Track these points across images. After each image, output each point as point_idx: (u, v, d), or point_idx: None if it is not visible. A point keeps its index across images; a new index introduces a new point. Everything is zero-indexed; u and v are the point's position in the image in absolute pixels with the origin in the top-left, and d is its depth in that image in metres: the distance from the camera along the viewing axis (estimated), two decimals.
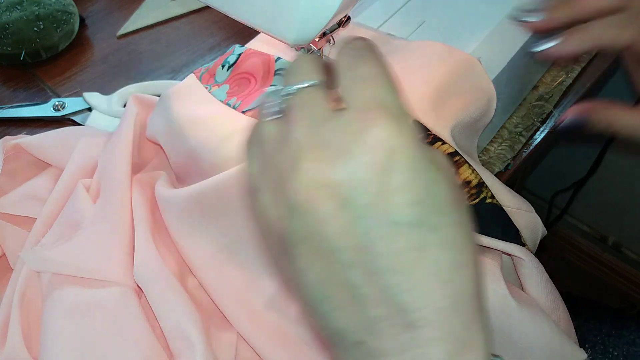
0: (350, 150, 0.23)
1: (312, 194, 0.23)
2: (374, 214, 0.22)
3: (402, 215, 0.23)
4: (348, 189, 0.22)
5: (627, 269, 1.19)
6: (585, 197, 1.12)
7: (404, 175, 0.23)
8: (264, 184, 0.25)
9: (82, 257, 0.39)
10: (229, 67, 0.43)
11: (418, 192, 0.23)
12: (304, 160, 0.23)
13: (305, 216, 0.23)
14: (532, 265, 0.36)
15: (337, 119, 0.24)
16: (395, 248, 0.23)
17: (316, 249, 0.23)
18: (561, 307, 0.38)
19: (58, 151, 0.47)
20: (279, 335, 0.36)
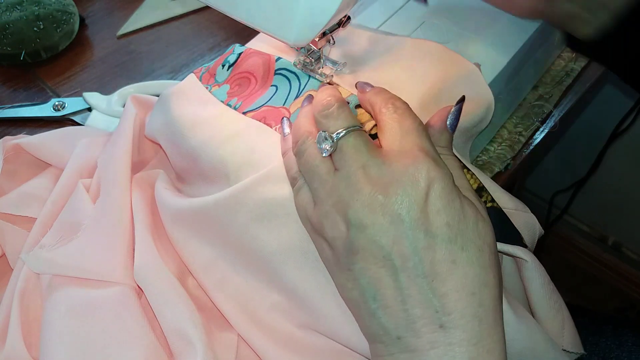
0: (401, 181, 0.30)
1: (370, 214, 0.30)
2: (419, 228, 0.29)
3: (440, 231, 0.29)
4: (399, 209, 0.29)
5: (627, 269, 1.19)
6: (585, 197, 1.12)
7: (441, 201, 0.30)
8: (324, 208, 0.32)
9: (82, 258, 0.39)
10: (229, 66, 0.43)
11: (451, 216, 0.30)
12: (362, 189, 0.30)
13: (365, 230, 0.30)
14: (534, 267, 0.36)
15: (387, 156, 0.31)
16: (435, 258, 0.29)
17: (373, 256, 0.30)
18: (564, 310, 0.38)
19: (58, 151, 0.47)
20: (281, 338, 0.36)
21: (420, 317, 0.29)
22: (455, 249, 0.29)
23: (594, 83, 0.58)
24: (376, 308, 0.30)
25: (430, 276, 0.29)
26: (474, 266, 0.30)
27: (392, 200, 0.30)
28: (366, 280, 0.30)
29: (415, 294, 0.29)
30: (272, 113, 0.39)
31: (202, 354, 0.34)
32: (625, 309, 1.22)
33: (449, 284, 0.29)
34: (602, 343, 0.53)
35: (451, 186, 0.31)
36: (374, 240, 0.30)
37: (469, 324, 0.29)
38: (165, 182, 0.43)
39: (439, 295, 0.29)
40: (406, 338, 0.30)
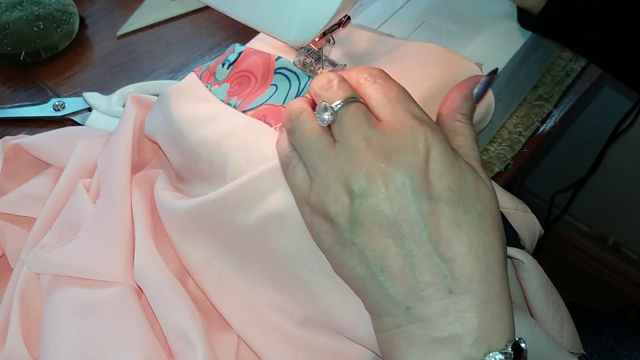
0: (402, 148, 0.30)
1: (374, 182, 0.30)
2: (423, 193, 0.29)
3: (443, 195, 0.29)
4: (402, 176, 0.29)
5: (627, 269, 1.19)
6: (585, 197, 1.12)
7: (441, 166, 0.30)
8: (325, 182, 0.31)
9: (82, 258, 0.39)
10: (229, 65, 0.43)
11: (453, 179, 0.30)
12: (365, 158, 0.30)
13: (369, 199, 0.30)
14: (532, 268, 0.36)
15: (384, 126, 0.31)
16: (440, 222, 0.29)
17: (378, 225, 0.30)
18: (563, 310, 0.37)
19: (58, 151, 0.47)
20: (280, 337, 0.36)
21: (429, 284, 0.29)
22: (459, 213, 0.29)
23: (594, 83, 0.58)
24: (384, 280, 0.30)
25: (436, 241, 0.29)
26: (477, 230, 0.30)
27: (394, 167, 0.30)
28: (372, 252, 0.30)
29: (423, 260, 0.29)
30: (272, 111, 0.39)
31: (202, 353, 0.34)
32: (625, 308, 1.22)
33: (455, 248, 0.29)
34: (602, 342, 0.53)
35: (449, 150, 0.31)
36: (378, 209, 0.29)
37: (477, 288, 0.29)
38: (164, 182, 0.43)
39: (446, 260, 0.29)
40: (415, 307, 0.29)
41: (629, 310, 1.21)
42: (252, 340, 0.36)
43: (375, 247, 0.30)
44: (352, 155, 0.31)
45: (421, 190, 0.29)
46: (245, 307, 0.37)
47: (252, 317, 0.37)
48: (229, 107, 0.41)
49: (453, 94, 0.36)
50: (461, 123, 0.35)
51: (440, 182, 0.30)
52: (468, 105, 0.35)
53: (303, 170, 0.33)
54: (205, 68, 0.44)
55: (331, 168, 0.31)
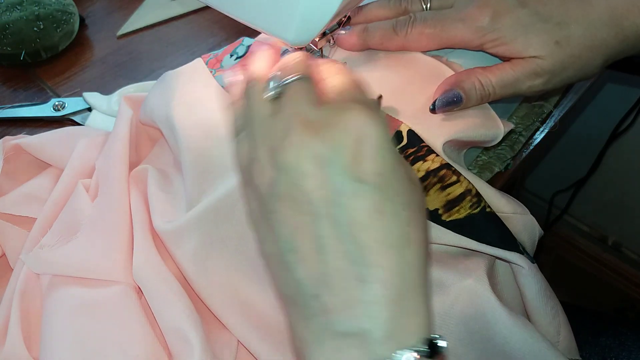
0: (333, 124, 0.29)
1: (298, 156, 0.28)
2: (348, 173, 0.28)
3: (369, 178, 0.28)
4: (328, 152, 0.28)
5: (627, 269, 1.19)
6: (585, 197, 1.12)
7: (374, 150, 0.28)
8: (257, 152, 0.30)
9: (82, 258, 0.39)
10: (237, 57, 0.43)
11: (382, 165, 0.28)
12: (294, 130, 0.29)
13: (290, 172, 0.28)
14: (531, 273, 0.36)
15: (322, 104, 0.30)
16: (360, 205, 0.28)
17: (295, 201, 0.28)
18: (561, 315, 0.37)
19: (58, 151, 0.47)
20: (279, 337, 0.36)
21: (337, 270, 0.27)
22: (382, 200, 0.28)
23: (594, 83, 0.58)
24: (293, 261, 0.28)
25: (352, 225, 0.27)
26: (399, 221, 0.28)
27: (322, 144, 0.28)
28: (286, 229, 0.28)
29: (335, 243, 0.27)
30: None
31: (199, 353, 0.34)
32: (625, 309, 1.21)
33: (371, 235, 0.27)
34: (602, 343, 0.53)
35: (385, 136, 0.29)
36: (298, 184, 0.28)
37: (390, 279, 0.27)
38: (155, 178, 0.43)
39: (360, 247, 0.27)
40: (322, 296, 0.27)
41: (629, 311, 1.21)
42: (247, 340, 0.36)
43: (289, 223, 0.28)
44: (284, 128, 0.29)
45: (346, 170, 0.28)
46: (240, 307, 0.37)
47: (247, 316, 0.37)
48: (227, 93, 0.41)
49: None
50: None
51: (369, 166, 0.28)
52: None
53: (247, 141, 0.32)
54: (214, 55, 0.44)
55: (263, 138, 0.30)
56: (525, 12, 0.39)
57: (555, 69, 0.40)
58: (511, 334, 0.34)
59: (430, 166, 0.37)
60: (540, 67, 0.40)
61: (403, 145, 0.37)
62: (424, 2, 0.42)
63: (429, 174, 0.37)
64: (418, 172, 0.37)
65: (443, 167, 0.37)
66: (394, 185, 0.28)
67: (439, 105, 0.39)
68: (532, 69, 0.40)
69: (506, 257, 0.35)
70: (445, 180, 0.37)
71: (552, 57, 0.39)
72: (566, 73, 0.41)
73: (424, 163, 0.37)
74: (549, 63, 0.40)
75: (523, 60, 0.40)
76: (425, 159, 0.37)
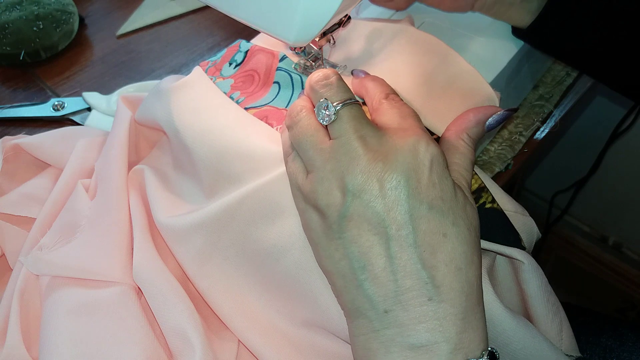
0: (401, 150, 0.31)
1: (368, 180, 0.30)
2: (416, 197, 0.30)
3: (435, 203, 0.30)
4: (398, 176, 0.30)
5: (627, 269, 1.19)
6: (586, 197, 1.12)
7: (437, 176, 0.31)
8: (320, 175, 0.32)
9: (81, 259, 0.39)
10: (236, 65, 0.43)
11: (445, 190, 0.31)
12: (361, 155, 0.31)
13: (361, 195, 0.30)
14: (532, 270, 0.36)
15: (385, 130, 0.32)
16: (428, 228, 0.30)
17: (367, 222, 0.30)
18: (561, 312, 0.37)
19: (57, 151, 0.47)
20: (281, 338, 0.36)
21: (409, 289, 0.29)
22: (447, 223, 0.30)
23: (594, 83, 0.58)
24: (364, 279, 0.30)
25: (421, 246, 0.29)
26: (462, 243, 0.30)
27: (391, 168, 0.30)
28: (357, 248, 0.30)
29: (406, 264, 0.29)
30: (275, 113, 0.39)
31: (200, 353, 0.34)
32: (625, 309, 1.21)
33: (438, 257, 0.29)
34: (602, 343, 0.53)
35: (445, 165, 0.32)
36: (370, 206, 0.30)
37: (456, 298, 0.29)
38: (152, 180, 0.43)
39: (429, 267, 0.29)
40: (394, 312, 0.29)
41: (629, 311, 1.21)
42: (250, 340, 0.36)
43: (361, 243, 0.30)
44: (349, 152, 0.31)
45: (415, 193, 0.30)
46: (242, 308, 0.37)
47: (250, 317, 0.37)
48: (231, 101, 0.41)
49: (468, 115, 0.36)
50: (465, 143, 0.35)
51: (434, 191, 0.30)
52: (478, 130, 0.36)
53: (300, 161, 0.34)
54: (212, 64, 0.44)
55: (326, 161, 0.32)
56: None
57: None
58: (514, 334, 0.33)
59: None
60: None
61: None
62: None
63: None
64: None
65: None
66: (455, 209, 0.31)
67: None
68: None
69: (507, 252, 0.35)
70: None
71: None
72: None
73: None
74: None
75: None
76: None
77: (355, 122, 0.32)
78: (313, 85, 0.35)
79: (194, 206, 0.41)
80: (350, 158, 0.31)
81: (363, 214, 0.30)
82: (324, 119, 0.33)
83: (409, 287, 0.29)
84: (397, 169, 0.30)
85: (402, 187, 0.30)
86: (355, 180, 0.30)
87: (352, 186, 0.30)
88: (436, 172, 0.31)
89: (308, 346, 0.36)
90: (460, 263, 0.30)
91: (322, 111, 0.33)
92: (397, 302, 0.29)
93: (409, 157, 0.30)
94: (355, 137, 0.31)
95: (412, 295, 0.29)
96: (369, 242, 0.30)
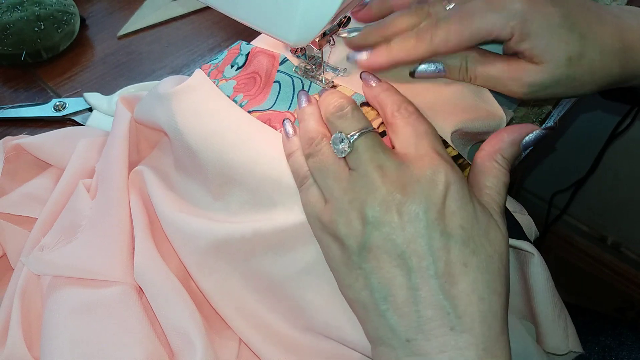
0: (419, 180, 0.30)
1: (387, 211, 0.30)
2: (435, 227, 0.30)
3: (455, 232, 0.30)
4: (417, 207, 0.30)
5: (626, 268, 1.19)
6: (585, 197, 1.12)
7: (456, 203, 0.30)
8: (339, 206, 0.32)
9: (82, 259, 0.39)
10: (237, 68, 0.43)
11: (466, 218, 0.30)
12: (381, 187, 0.30)
13: (381, 227, 0.30)
14: (540, 261, 0.36)
15: (402, 158, 0.32)
16: (449, 259, 0.29)
17: (387, 254, 0.30)
18: (565, 309, 0.37)
19: (59, 151, 0.47)
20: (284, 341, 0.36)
21: (431, 319, 0.29)
22: (467, 252, 0.30)
23: None
24: (386, 309, 0.30)
25: (442, 277, 0.29)
26: (483, 272, 0.30)
27: (410, 199, 0.30)
28: (378, 279, 0.30)
29: (427, 294, 0.29)
30: (278, 117, 0.39)
31: (201, 352, 0.34)
32: (624, 309, 1.22)
33: (460, 287, 0.29)
34: (601, 342, 0.54)
35: (465, 190, 0.31)
36: (389, 238, 0.30)
37: (478, 328, 0.29)
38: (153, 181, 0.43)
39: (451, 297, 0.29)
40: (416, 341, 0.29)
41: (628, 311, 1.21)
42: (252, 342, 0.36)
43: (381, 275, 0.30)
44: (368, 184, 0.31)
45: (434, 224, 0.30)
46: (246, 310, 0.38)
47: (253, 319, 0.37)
48: (234, 104, 0.40)
49: (502, 134, 0.35)
50: (498, 165, 0.34)
51: (453, 219, 0.30)
52: (512, 150, 0.34)
53: (318, 190, 0.33)
54: (214, 67, 0.44)
55: (346, 192, 0.32)
56: (555, 12, 0.36)
57: (548, 83, 0.38)
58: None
59: None
60: (531, 78, 0.38)
61: None
62: (448, 2, 0.39)
63: None
64: None
65: None
66: (477, 237, 0.30)
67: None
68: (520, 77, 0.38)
69: (516, 245, 0.35)
70: None
71: (555, 70, 0.37)
72: (555, 89, 0.39)
73: None
74: (547, 76, 0.37)
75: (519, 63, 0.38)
76: None
77: (372, 152, 0.32)
78: (328, 117, 0.35)
79: (200, 209, 0.41)
80: (368, 189, 0.31)
81: (383, 245, 0.30)
82: (340, 152, 0.33)
83: (430, 317, 0.29)
84: (415, 200, 0.30)
85: (422, 218, 0.30)
86: (374, 211, 0.30)
87: (372, 218, 0.30)
88: (454, 199, 0.30)
89: (310, 347, 0.36)
90: (483, 293, 0.29)
91: (337, 145, 0.33)
92: (419, 331, 0.29)
93: (427, 188, 0.30)
94: (373, 168, 0.31)
95: (435, 325, 0.29)
96: (390, 273, 0.30)
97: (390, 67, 0.40)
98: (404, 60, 0.39)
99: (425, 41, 0.38)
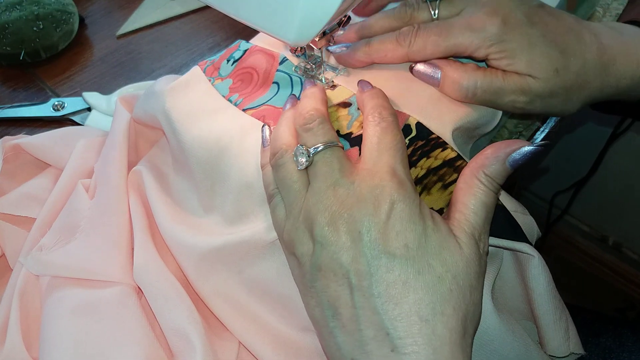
0: (365, 200, 0.30)
1: (333, 231, 0.30)
2: (377, 248, 0.29)
3: (398, 252, 0.29)
4: (360, 228, 0.30)
5: (627, 269, 1.19)
6: (586, 197, 1.12)
7: (401, 223, 0.30)
8: (296, 223, 0.32)
9: (81, 259, 0.39)
10: (234, 62, 0.43)
11: (411, 237, 0.30)
12: (329, 206, 0.31)
13: (327, 246, 0.30)
14: (541, 264, 0.35)
15: (356, 174, 0.32)
16: (389, 278, 0.29)
17: (334, 273, 0.30)
18: (566, 311, 0.37)
19: (57, 151, 0.47)
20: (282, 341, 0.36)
21: (373, 339, 0.29)
22: (410, 272, 0.29)
23: None
24: (334, 327, 0.30)
25: (383, 297, 0.29)
26: (429, 293, 0.29)
27: (354, 219, 0.30)
28: (326, 297, 0.30)
29: (369, 314, 0.29)
30: (272, 113, 0.39)
31: (201, 353, 0.34)
32: (625, 309, 1.21)
33: (402, 307, 0.29)
34: (602, 343, 0.53)
35: (414, 209, 0.30)
36: (335, 258, 0.30)
37: (421, 351, 0.28)
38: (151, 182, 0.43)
39: (392, 318, 0.29)
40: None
41: (629, 311, 1.21)
42: (251, 343, 0.36)
43: (329, 293, 0.30)
44: (318, 202, 0.31)
45: (375, 243, 0.29)
46: (244, 311, 0.37)
47: (252, 321, 0.37)
48: (229, 104, 0.40)
49: (487, 151, 0.34)
50: (479, 183, 0.32)
51: (398, 239, 0.29)
52: (497, 168, 0.33)
53: (283, 207, 0.34)
54: (210, 62, 0.44)
55: (300, 211, 0.32)
56: (533, 32, 0.38)
57: (544, 93, 0.39)
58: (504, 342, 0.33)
59: (432, 164, 0.37)
60: (530, 87, 0.39)
61: (412, 137, 0.37)
62: (432, 8, 0.41)
63: (429, 172, 0.37)
64: (420, 170, 0.37)
65: (444, 165, 0.37)
66: (424, 257, 0.29)
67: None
68: (521, 85, 0.39)
69: (516, 247, 0.35)
70: (446, 179, 0.37)
71: (547, 81, 0.38)
72: (550, 101, 0.40)
73: (427, 160, 0.37)
74: (541, 86, 0.38)
75: (517, 74, 0.39)
76: (429, 155, 0.37)
77: (328, 168, 0.32)
78: (297, 127, 0.35)
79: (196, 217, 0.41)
80: (318, 209, 0.31)
81: (330, 265, 0.30)
82: (300, 164, 0.33)
83: (372, 337, 0.29)
84: (359, 220, 0.30)
85: (364, 239, 0.29)
86: (322, 231, 0.30)
87: (320, 237, 0.30)
88: (399, 219, 0.30)
89: (310, 347, 0.36)
90: (427, 315, 0.28)
91: (297, 157, 0.33)
92: (362, 351, 0.29)
93: (371, 207, 0.30)
94: (326, 186, 0.31)
95: (376, 345, 0.29)
96: (337, 292, 0.30)
97: (366, 65, 0.42)
98: (381, 60, 0.41)
99: (403, 46, 0.39)
